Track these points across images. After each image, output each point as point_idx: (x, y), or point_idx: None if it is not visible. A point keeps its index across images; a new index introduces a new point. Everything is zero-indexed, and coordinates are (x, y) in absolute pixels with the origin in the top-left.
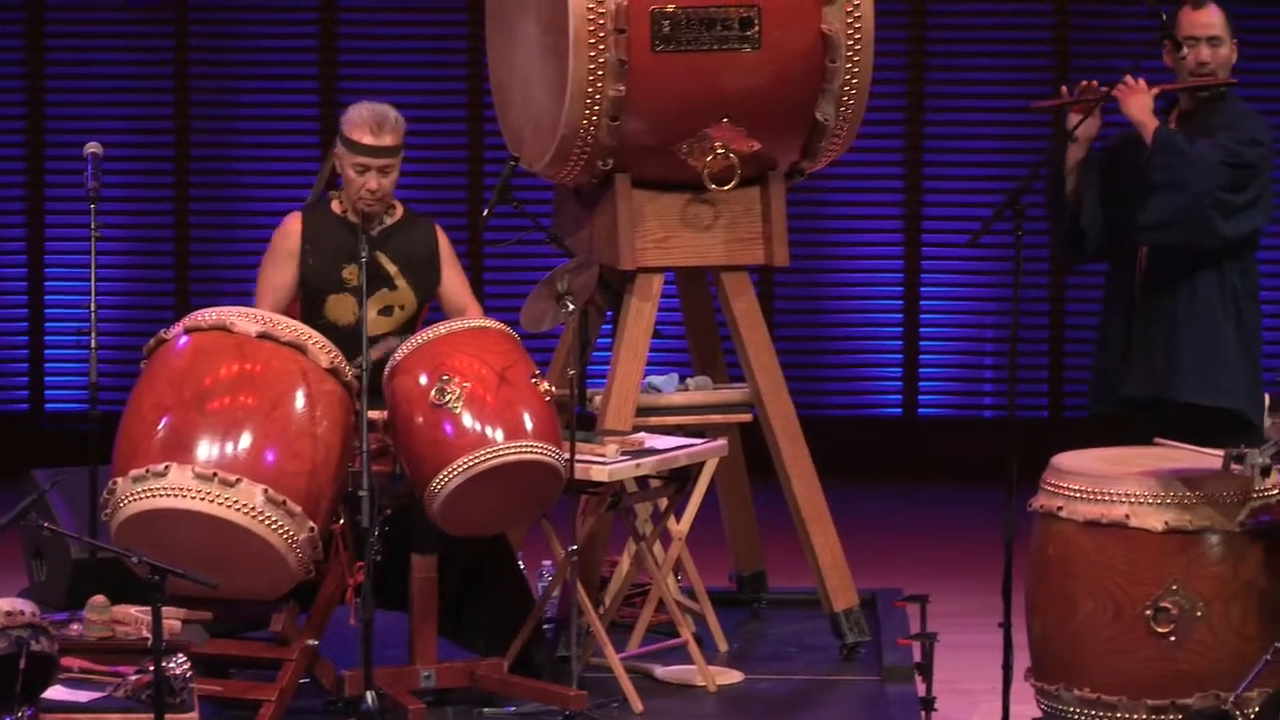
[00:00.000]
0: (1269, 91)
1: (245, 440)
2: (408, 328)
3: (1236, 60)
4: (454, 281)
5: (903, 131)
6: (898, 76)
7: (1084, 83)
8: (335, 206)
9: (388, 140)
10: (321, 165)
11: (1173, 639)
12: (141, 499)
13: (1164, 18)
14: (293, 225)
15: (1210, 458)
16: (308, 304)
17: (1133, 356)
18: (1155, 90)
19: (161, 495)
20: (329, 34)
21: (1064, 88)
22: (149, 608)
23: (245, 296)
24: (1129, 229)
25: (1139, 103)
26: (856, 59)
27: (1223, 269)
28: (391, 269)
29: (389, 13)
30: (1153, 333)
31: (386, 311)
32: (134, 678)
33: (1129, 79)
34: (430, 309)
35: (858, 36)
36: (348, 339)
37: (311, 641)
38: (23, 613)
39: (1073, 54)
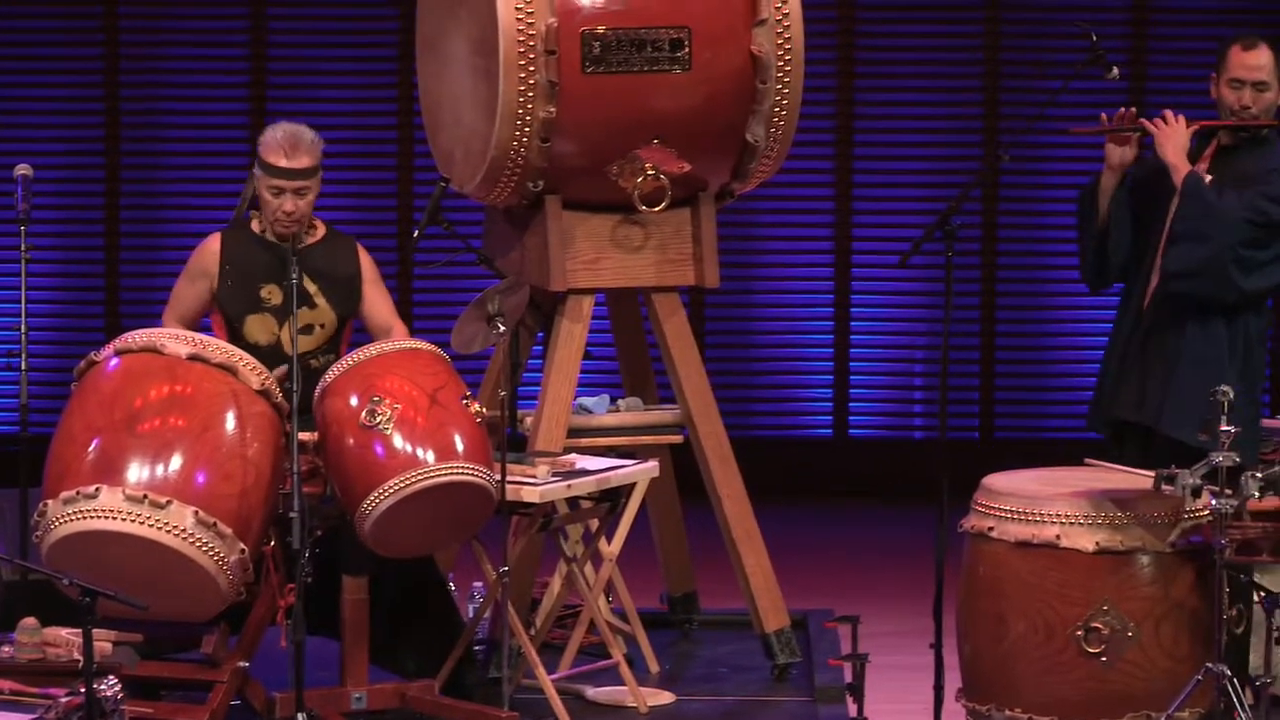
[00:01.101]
0: None
1: (176, 462)
2: (330, 346)
3: None
4: (377, 301)
5: (833, 153)
6: (828, 98)
7: (1122, 110)
8: (255, 226)
9: (301, 162)
10: (245, 186)
11: (1104, 659)
12: (72, 521)
13: (1094, 39)
14: (211, 245)
15: (1141, 478)
16: (226, 324)
17: (1128, 380)
18: (1194, 127)
19: (92, 517)
20: (259, 55)
21: (1104, 115)
22: (80, 629)
23: None
24: (1146, 258)
25: (1174, 143)
26: (787, 80)
27: (1235, 316)
28: (311, 288)
29: (319, 34)
30: (1154, 364)
31: (306, 330)
32: (65, 700)
33: (1168, 115)
34: (355, 329)
35: (788, 58)
36: (267, 358)
37: (242, 663)
38: None
39: (1003, 74)
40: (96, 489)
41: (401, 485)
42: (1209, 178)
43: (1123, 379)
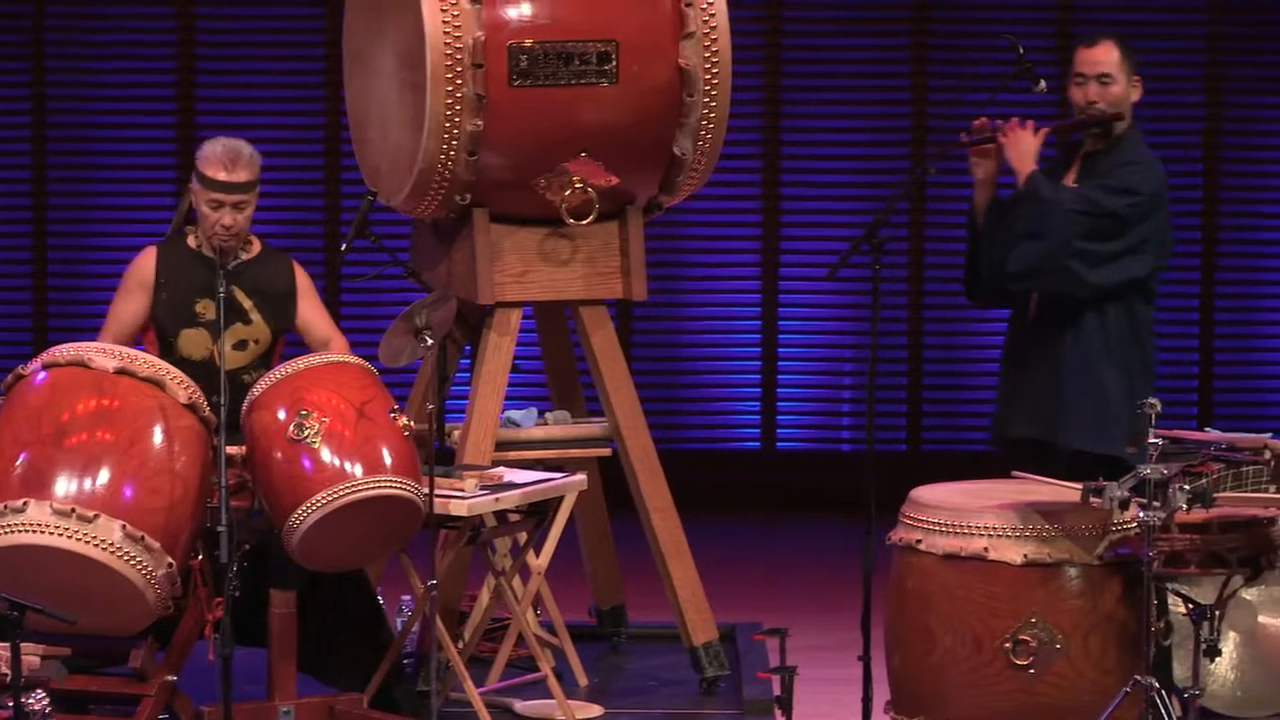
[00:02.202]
0: None
1: (104, 476)
2: (263, 362)
3: (1139, 98)
4: (314, 315)
5: (760, 166)
6: (755, 111)
7: (976, 121)
8: (191, 242)
9: (241, 176)
10: (179, 201)
11: (1032, 671)
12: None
13: (1021, 51)
14: (147, 260)
15: (1069, 491)
16: (160, 338)
17: (1019, 397)
18: (1044, 131)
19: (19, 531)
20: (187, 69)
21: (963, 134)
22: (8, 644)
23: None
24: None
25: (1018, 149)
26: (714, 93)
27: (1105, 313)
28: (247, 303)
29: (246, 48)
30: (1039, 376)
31: (241, 346)
32: None
33: (1014, 122)
34: (288, 343)
35: (715, 71)
36: (201, 373)
37: (170, 677)
38: None
39: (930, 87)
40: (24, 503)
41: (329, 499)
42: (1071, 180)
43: (1015, 395)
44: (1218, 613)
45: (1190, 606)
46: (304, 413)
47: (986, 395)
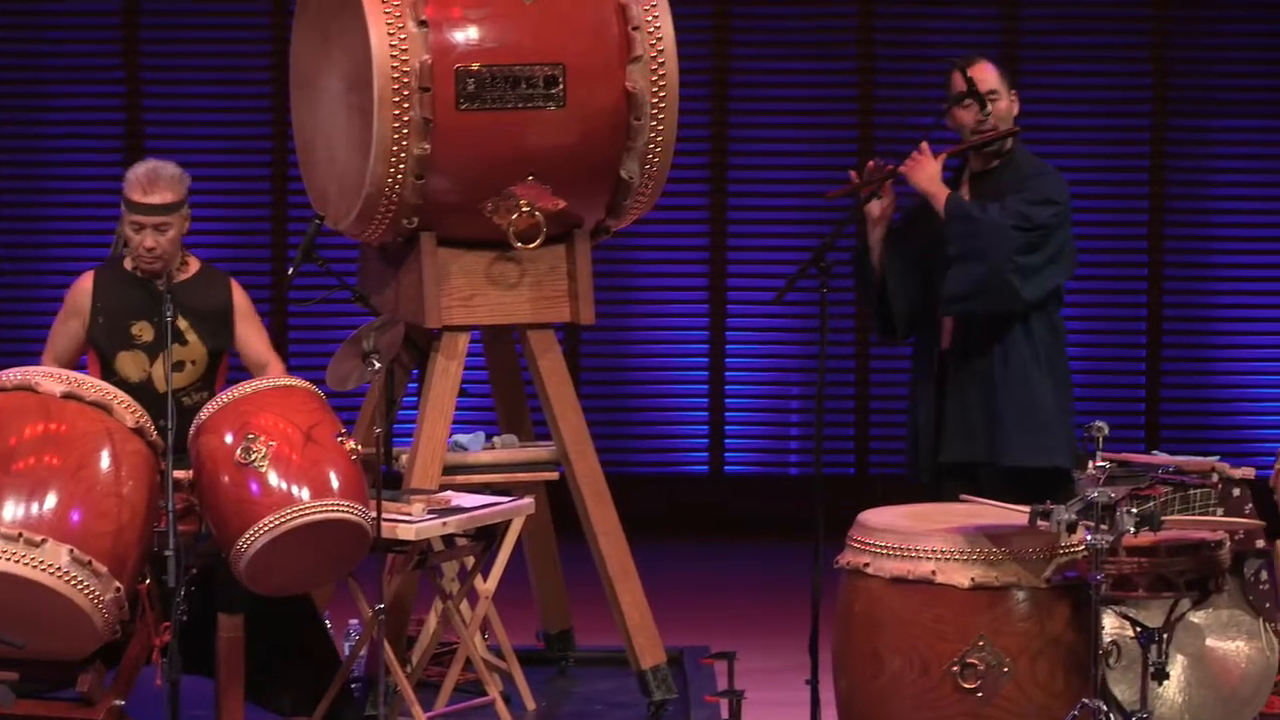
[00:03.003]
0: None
1: (51, 500)
2: (203, 383)
3: (1019, 111)
4: (252, 337)
5: (708, 189)
6: (702, 134)
7: (871, 163)
8: (128, 264)
9: (160, 198)
10: (119, 224)
11: (980, 695)
12: None
13: (967, 75)
14: (84, 284)
15: (1016, 514)
16: (100, 361)
17: (948, 423)
18: (942, 156)
19: None
20: (134, 92)
21: (852, 173)
22: None
23: None
24: (930, 299)
25: (926, 174)
26: (661, 117)
27: (1030, 326)
28: (182, 323)
29: (193, 71)
30: (969, 398)
31: (178, 367)
32: None
33: (915, 152)
34: (232, 367)
35: (662, 94)
36: (138, 395)
37: (118, 702)
38: None
39: (876, 111)
40: None
41: (276, 523)
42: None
43: (944, 421)
44: (1165, 636)
45: (1138, 629)
46: (251, 436)
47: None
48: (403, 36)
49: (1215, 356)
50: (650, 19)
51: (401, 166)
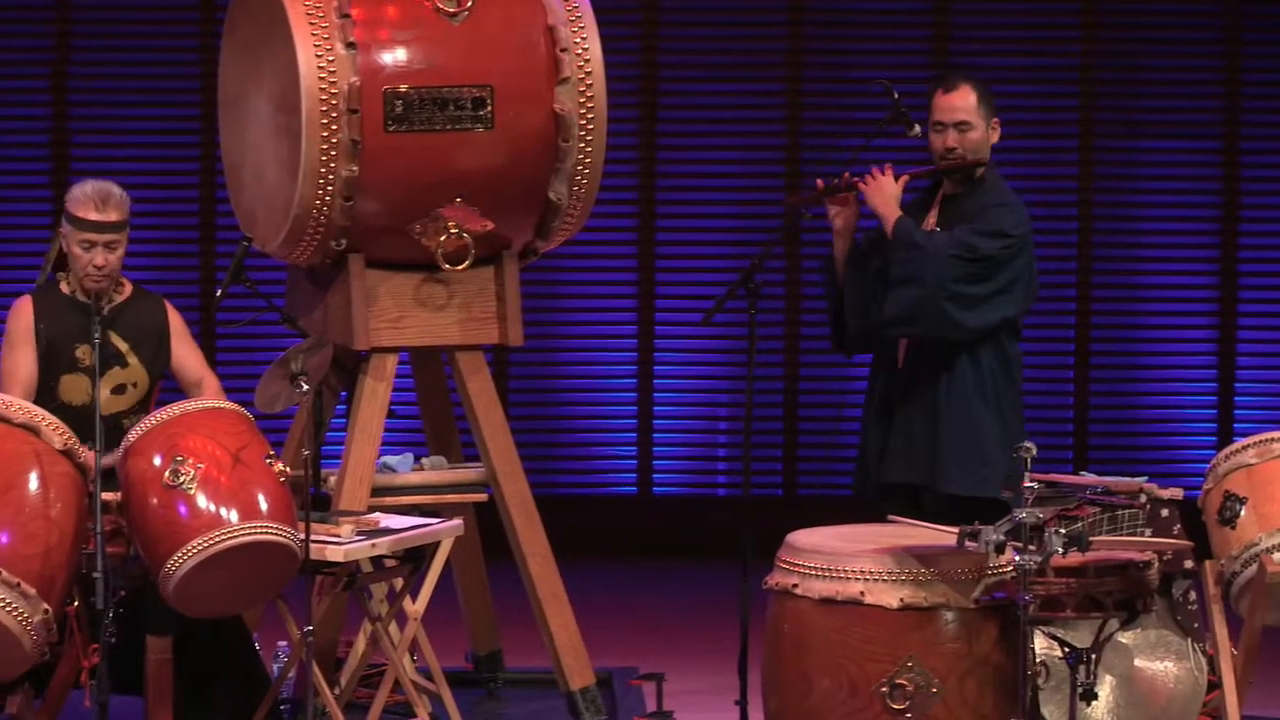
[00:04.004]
0: None
1: None
2: (143, 406)
3: (999, 139)
4: (188, 356)
5: (636, 211)
6: (630, 156)
7: (836, 179)
8: (64, 287)
9: (112, 216)
10: (49, 247)
11: (909, 715)
12: None
13: (895, 96)
14: (25, 309)
15: (945, 535)
16: (41, 385)
17: (893, 445)
18: (904, 178)
19: None
20: (60, 115)
21: (819, 180)
22: None
23: None
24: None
25: (882, 195)
26: (589, 139)
27: (979, 356)
28: (122, 346)
29: (121, 93)
30: (914, 422)
31: (119, 390)
32: None
33: (875, 171)
34: (164, 388)
35: (590, 116)
36: (83, 419)
37: None
38: None
39: (805, 133)
40: None
41: (205, 545)
42: (932, 223)
43: (888, 441)
44: (1094, 656)
45: (1066, 650)
46: (179, 459)
47: None
48: (331, 58)
49: (1143, 377)
50: (578, 41)
51: (329, 188)
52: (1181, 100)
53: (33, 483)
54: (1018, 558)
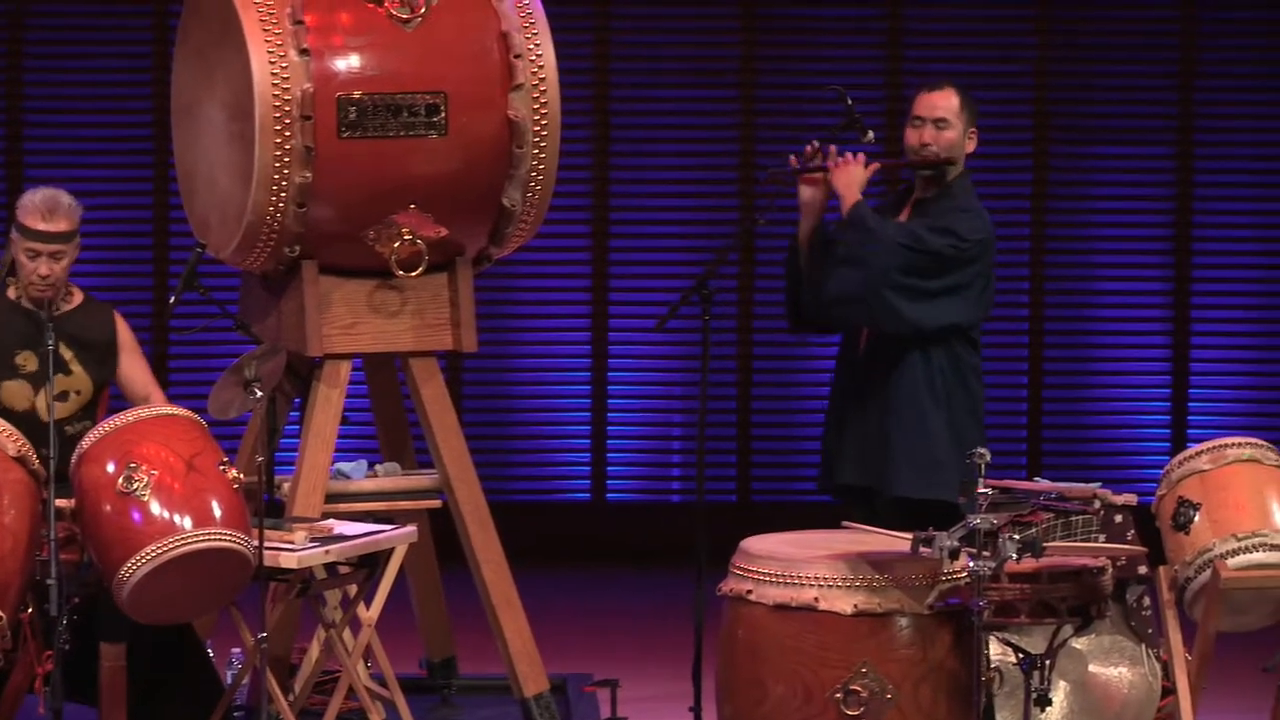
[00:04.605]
0: None
1: None
2: (86, 413)
3: (975, 149)
4: (135, 368)
5: (590, 217)
6: (584, 163)
7: (808, 147)
8: (11, 293)
9: (58, 226)
10: (4, 253)
11: None
12: None
13: (849, 103)
14: None
15: (899, 540)
16: None
17: (848, 443)
18: (873, 166)
19: None
20: (14, 121)
21: (792, 156)
22: None
23: None
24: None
25: (845, 178)
26: (543, 145)
27: (930, 358)
28: (67, 354)
29: (74, 100)
30: (868, 421)
31: (62, 397)
32: None
33: (848, 155)
34: (113, 396)
35: (544, 122)
36: (23, 425)
37: None
38: None
39: (758, 139)
40: None
41: (159, 552)
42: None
43: (843, 440)
44: (1048, 662)
45: (1020, 656)
46: (133, 465)
47: (816, 445)
48: (284, 65)
49: (1096, 383)
50: (532, 47)
51: (283, 195)
52: (1135, 106)
53: None
54: (972, 564)
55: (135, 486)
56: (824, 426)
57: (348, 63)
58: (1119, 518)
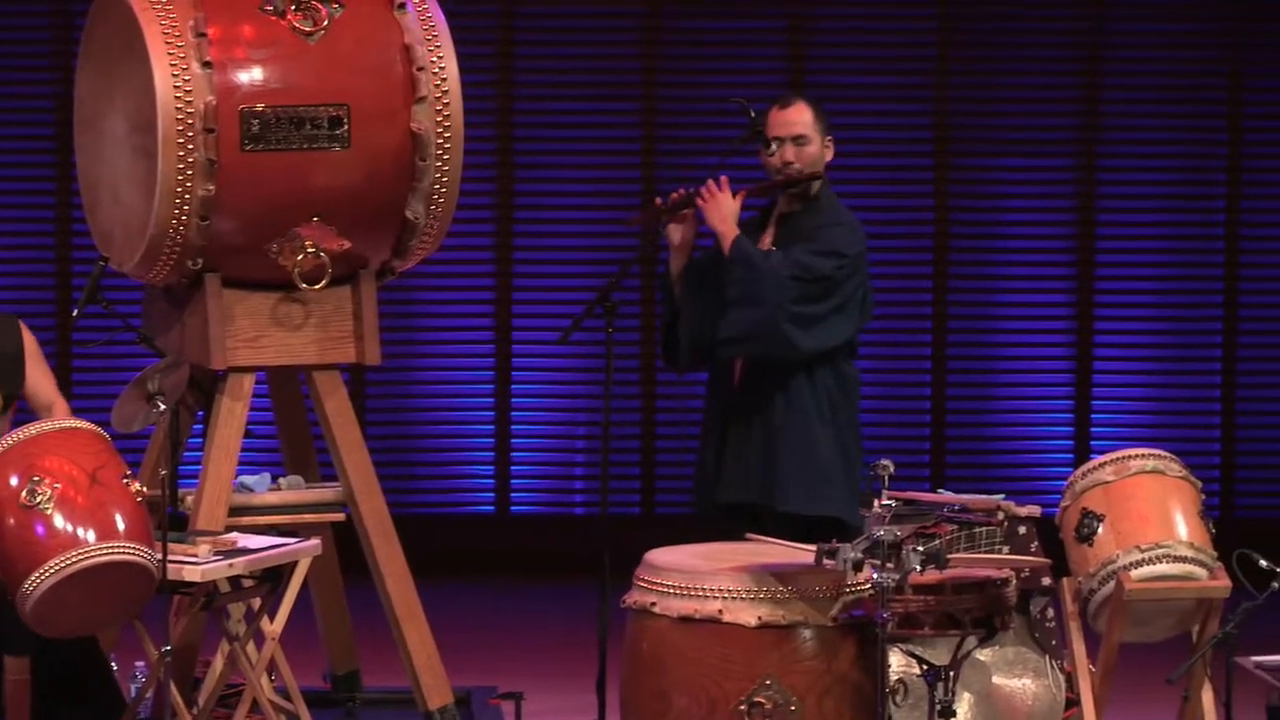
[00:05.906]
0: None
1: None
2: None
3: (832, 158)
4: (41, 380)
5: (493, 230)
6: (488, 175)
7: (674, 194)
8: None
9: None
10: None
11: None
12: None
13: (751, 115)
14: None
15: (803, 553)
16: None
17: (728, 464)
18: (742, 194)
19: None
20: None
21: (657, 199)
22: None
23: None
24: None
25: (719, 212)
26: (446, 158)
27: (815, 376)
28: None
29: None
30: (750, 441)
31: None
32: None
33: (711, 185)
34: (19, 408)
35: (447, 135)
36: None
37: None
38: None
39: (659, 151)
40: None
41: (62, 565)
42: (769, 242)
43: (724, 460)
44: (952, 674)
45: (925, 668)
46: (36, 479)
47: None
48: (187, 78)
49: (999, 395)
50: (435, 60)
51: (186, 208)
52: (1039, 118)
53: None
54: (876, 575)
55: (39, 500)
56: (698, 452)
57: (250, 75)
58: (1023, 529)
